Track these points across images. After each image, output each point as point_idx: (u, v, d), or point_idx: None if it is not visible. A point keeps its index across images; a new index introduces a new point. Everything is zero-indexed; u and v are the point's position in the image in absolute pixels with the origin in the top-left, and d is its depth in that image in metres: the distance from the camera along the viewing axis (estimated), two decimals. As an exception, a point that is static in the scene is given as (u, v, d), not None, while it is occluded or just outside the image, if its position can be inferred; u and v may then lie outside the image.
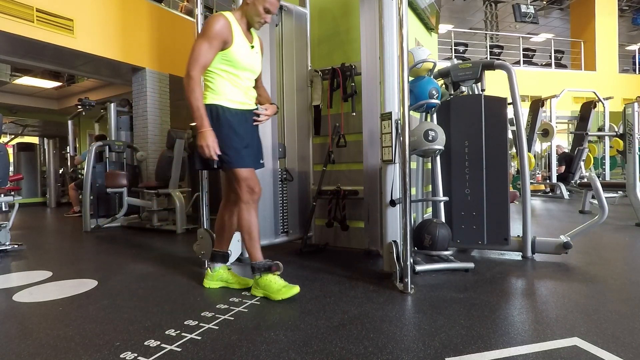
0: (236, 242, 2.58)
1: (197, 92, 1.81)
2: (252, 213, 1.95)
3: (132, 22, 5.45)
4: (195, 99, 1.81)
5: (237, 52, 1.90)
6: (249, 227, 1.94)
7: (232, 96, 1.94)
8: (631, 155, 4.16)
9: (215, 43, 1.83)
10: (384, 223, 2.28)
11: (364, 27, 2.68)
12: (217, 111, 1.89)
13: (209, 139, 1.81)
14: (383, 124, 2.21)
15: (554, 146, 7.19)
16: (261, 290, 1.90)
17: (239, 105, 1.96)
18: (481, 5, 11.89)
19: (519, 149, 2.63)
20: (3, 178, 3.14)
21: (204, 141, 1.81)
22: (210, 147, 1.81)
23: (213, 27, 1.82)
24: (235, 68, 1.92)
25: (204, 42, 1.82)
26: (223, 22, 1.84)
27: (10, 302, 1.91)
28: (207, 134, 1.81)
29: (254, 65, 2.00)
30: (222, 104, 1.91)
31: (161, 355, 1.31)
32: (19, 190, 8.20)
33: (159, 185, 4.44)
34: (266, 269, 1.90)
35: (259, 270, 1.91)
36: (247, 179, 1.92)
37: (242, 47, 1.92)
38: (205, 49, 1.82)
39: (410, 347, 1.33)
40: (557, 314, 1.61)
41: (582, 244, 2.97)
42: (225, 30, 1.85)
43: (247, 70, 1.98)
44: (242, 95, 1.98)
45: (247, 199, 1.93)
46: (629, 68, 13.13)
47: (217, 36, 1.83)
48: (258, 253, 1.95)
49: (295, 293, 1.86)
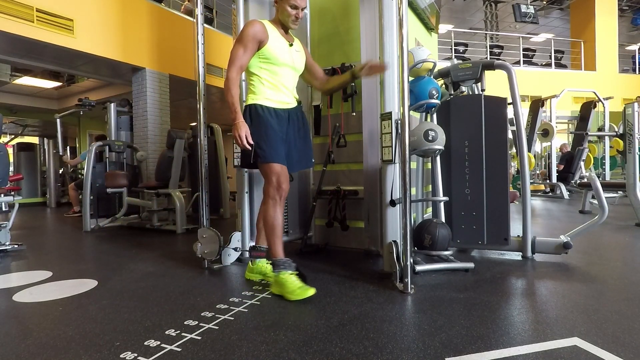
0: (236, 242, 2.58)
1: (232, 90, 1.94)
2: (277, 209, 2.00)
3: (132, 22, 5.45)
4: (230, 96, 1.95)
5: (273, 48, 2.01)
6: (273, 222, 1.99)
7: (270, 95, 2.05)
8: (631, 155, 4.16)
9: (249, 45, 1.97)
10: (384, 223, 2.28)
11: (364, 27, 2.68)
12: (256, 109, 2.02)
13: (241, 130, 1.92)
14: (383, 124, 2.21)
15: (554, 147, 7.19)
16: (278, 288, 1.92)
17: (277, 104, 2.07)
18: (481, 5, 11.90)
19: (519, 149, 2.63)
20: (3, 178, 3.14)
21: (236, 131, 1.93)
22: (242, 137, 1.92)
23: (247, 30, 1.98)
24: (273, 64, 2.04)
25: (240, 47, 1.98)
26: (256, 25, 1.99)
27: (10, 302, 1.91)
28: (240, 125, 1.93)
29: (294, 62, 2.11)
30: (260, 103, 2.03)
31: (161, 355, 1.31)
32: (19, 190, 8.21)
33: (159, 185, 4.44)
34: (285, 267, 1.92)
35: (278, 267, 1.93)
36: (277, 174, 1.98)
37: (278, 44, 2.04)
38: (240, 52, 1.97)
39: (410, 347, 1.33)
40: (557, 314, 1.61)
41: (582, 244, 2.97)
42: (258, 32, 1.98)
43: (287, 66, 2.08)
44: (281, 94, 2.09)
45: (273, 194, 1.99)
46: (629, 68, 13.13)
47: (251, 38, 1.97)
48: (280, 250, 1.99)
49: (310, 295, 1.84)
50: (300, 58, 2.15)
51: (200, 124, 2.50)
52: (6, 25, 4.18)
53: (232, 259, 2.59)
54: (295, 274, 1.92)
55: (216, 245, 2.44)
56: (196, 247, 2.47)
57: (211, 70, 6.61)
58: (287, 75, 2.10)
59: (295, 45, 2.14)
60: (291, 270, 1.92)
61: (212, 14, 7.38)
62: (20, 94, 8.51)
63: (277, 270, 1.92)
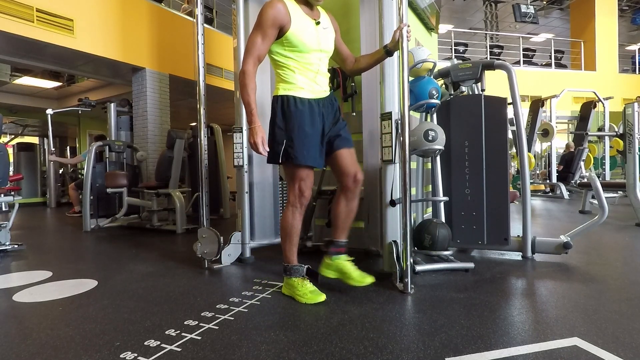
0: (236, 242, 2.58)
1: (249, 86, 1.75)
2: (296, 217, 1.89)
3: (132, 22, 5.45)
4: (246, 94, 1.75)
5: (299, 33, 1.77)
6: (290, 230, 1.90)
7: (302, 84, 1.83)
8: (631, 155, 4.16)
9: (269, 31, 1.74)
10: (384, 223, 2.28)
11: (364, 27, 2.68)
12: (289, 102, 1.81)
13: (258, 136, 1.75)
14: (383, 124, 2.21)
15: (554, 147, 7.19)
16: (288, 289, 1.92)
17: (312, 94, 1.85)
18: (481, 5, 11.89)
19: (519, 149, 2.63)
20: (3, 178, 3.14)
21: (252, 138, 1.76)
22: (259, 143, 1.76)
23: (265, 14, 1.73)
24: (301, 52, 1.80)
25: (258, 34, 1.75)
26: (277, 5, 1.74)
27: (10, 302, 1.91)
28: (257, 130, 1.75)
29: (323, 44, 1.85)
30: (293, 94, 1.81)
31: (161, 355, 1.31)
32: (19, 190, 8.20)
33: (159, 185, 4.43)
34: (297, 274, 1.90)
35: (290, 273, 1.91)
36: (300, 179, 1.84)
37: (304, 26, 1.79)
38: (259, 41, 1.75)
39: (410, 347, 1.33)
40: (557, 314, 1.61)
41: (582, 244, 2.97)
42: (279, 15, 1.73)
43: (317, 51, 1.84)
44: (314, 83, 1.86)
45: (294, 201, 1.87)
46: (629, 68, 13.14)
47: (271, 23, 1.73)
48: (294, 257, 1.93)
49: (321, 301, 1.81)
50: (329, 37, 1.90)
51: (200, 124, 2.50)
52: (6, 25, 4.18)
53: (232, 259, 2.59)
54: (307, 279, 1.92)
55: (216, 245, 2.44)
56: (196, 247, 2.47)
57: (211, 70, 6.61)
58: (319, 60, 1.86)
59: (323, 22, 1.87)
60: (301, 276, 1.91)
61: (212, 14, 7.39)
62: (20, 94, 8.51)
63: (289, 275, 1.92)
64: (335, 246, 1.99)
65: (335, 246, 1.99)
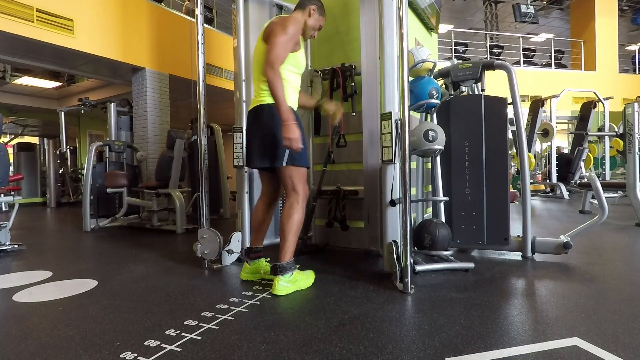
0: (236, 242, 2.58)
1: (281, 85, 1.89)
2: (302, 213, 2.04)
3: (132, 22, 5.45)
4: (281, 91, 1.88)
5: (301, 57, 2.06)
6: (298, 227, 2.02)
7: (293, 98, 2.08)
8: (631, 155, 4.16)
9: (290, 44, 1.96)
10: (384, 223, 2.28)
11: (364, 27, 2.68)
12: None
13: (296, 132, 1.88)
14: (383, 124, 2.21)
15: (554, 147, 7.18)
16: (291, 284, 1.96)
17: (294, 106, 2.08)
18: (481, 5, 11.89)
19: (519, 149, 2.63)
20: (3, 178, 3.14)
21: (292, 133, 1.86)
22: (298, 139, 1.88)
23: (295, 28, 1.97)
24: (298, 69, 2.08)
25: (289, 41, 1.94)
26: (300, 26, 2.04)
27: (10, 302, 1.91)
28: (295, 127, 1.88)
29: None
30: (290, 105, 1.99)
31: (161, 355, 1.31)
32: (19, 190, 8.20)
33: (159, 185, 4.44)
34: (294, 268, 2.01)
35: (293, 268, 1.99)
36: (305, 179, 2.07)
37: (302, 52, 2.09)
38: (289, 48, 1.95)
39: (410, 347, 1.33)
40: (557, 314, 1.61)
41: (582, 244, 2.97)
42: (299, 34, 2.02)
43: (302, 73, 2.14)
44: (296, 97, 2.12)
45: (298, 199, 2.02)
46: (629, 68, 13.13)
47: (295, 37, 1.98)
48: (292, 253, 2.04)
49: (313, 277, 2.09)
50: None
51: (200, 124, 2.50)
52: (6, 25, 4.18)
53: (232, 259, 2.59)
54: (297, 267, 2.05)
55: (216, 246, 2.44)
56: (196, 247, 2.47)
57: (211, 70, 6.61)
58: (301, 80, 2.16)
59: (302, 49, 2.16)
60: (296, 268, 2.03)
61: (212, 14, 7.39)
62: (20, 94, 8.51)
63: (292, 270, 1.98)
64: (255, 252, 2.22)
65: (254, 252, 2.22)
